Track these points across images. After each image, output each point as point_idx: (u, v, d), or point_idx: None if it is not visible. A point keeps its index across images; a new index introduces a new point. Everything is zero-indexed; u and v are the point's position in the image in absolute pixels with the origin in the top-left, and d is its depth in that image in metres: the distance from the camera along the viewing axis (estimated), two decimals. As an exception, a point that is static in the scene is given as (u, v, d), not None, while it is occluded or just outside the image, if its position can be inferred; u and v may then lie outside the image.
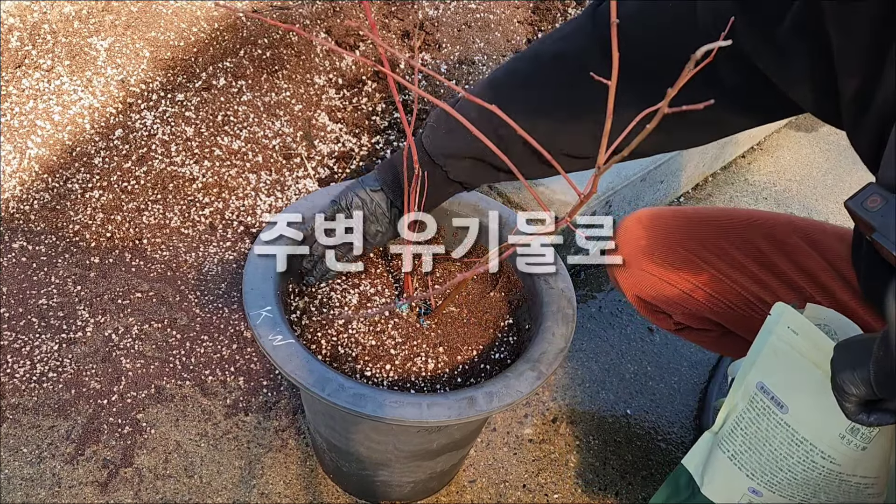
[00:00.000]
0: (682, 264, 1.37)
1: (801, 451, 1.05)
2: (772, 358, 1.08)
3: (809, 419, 1.04)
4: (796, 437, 1.05)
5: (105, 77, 1.98)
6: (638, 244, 1.40)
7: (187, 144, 1.96)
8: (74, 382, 1.58)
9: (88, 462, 1.48)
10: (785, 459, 1.06)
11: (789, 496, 1.10)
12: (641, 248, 1.39)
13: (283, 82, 2.16)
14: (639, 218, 1.43)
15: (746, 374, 1.10)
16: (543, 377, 1.17)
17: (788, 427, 1.05)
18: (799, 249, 1.33)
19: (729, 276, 1.35)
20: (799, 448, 1.05)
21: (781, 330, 1.07)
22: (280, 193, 1.98)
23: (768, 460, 1.08)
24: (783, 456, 1.06)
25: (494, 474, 1.60)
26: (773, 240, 1.35)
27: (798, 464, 1.06)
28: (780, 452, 1.06)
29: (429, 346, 1.29)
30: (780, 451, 1.06)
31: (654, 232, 1.40)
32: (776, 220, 1.39)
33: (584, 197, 0.91)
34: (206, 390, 1.61)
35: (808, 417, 1.04)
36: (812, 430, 1.04)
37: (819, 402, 1.02)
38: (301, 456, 1.55)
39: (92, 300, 1.71)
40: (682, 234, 1.38)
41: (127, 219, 1.84)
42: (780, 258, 1.34)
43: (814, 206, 2.51)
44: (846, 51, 0.86)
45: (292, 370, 1.10)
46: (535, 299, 1.32)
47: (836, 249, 1.32)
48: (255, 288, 1.20)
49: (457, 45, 2.47)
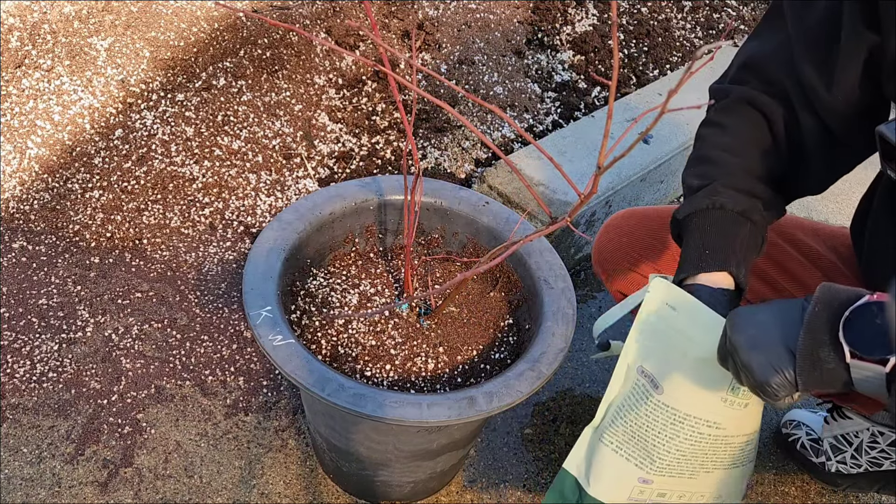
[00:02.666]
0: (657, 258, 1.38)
1: (686, 428, 1.03)
2: (650, 339, 1.06)
3: (687, 395, 1.01)
4: (678, 415, 1.02)
5: (105, 77, 1.98)
6: (619, 241, 1.41)
7: (187, 144, 1.96)
8: (74, 382, 1.58)
9: (88, 462, 1.48)
10: (671, 440, 1.04)
11: (678, 473, 1.07)
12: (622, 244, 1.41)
13: (283, 82, 2.16)
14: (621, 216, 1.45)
15: (625, 360, 1.08)
16: (544, 377, 1.17)
17: (668, 407, 1.03)
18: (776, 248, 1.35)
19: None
20: (683, 425, 1.03)
21: (660, 307, 1.04)
22: (280, 193, 1.98)
23: (655, 445, 1.05)
24: (669, 437, 1.04)
25: (494, 474, 1.60)
26: None
27: (685, 440, 1.04)
28: (664, 434, 1.04)
29: (429, 346, 1.29)
30: (665, 433, 1.04)
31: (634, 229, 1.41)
32: None
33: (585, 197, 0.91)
34: (206, 390, 1.61)
35: (685, 394, 1.01)
36: (693, 404, 1.02)
37: (697, 374, 1.00)
38: (301, 456, 1.55)
39: (92, 300, 1.71)
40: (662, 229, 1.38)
41: (127, 219, 1.84)
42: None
43: (813, 205, 2.51)
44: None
45: (292, 370, 1.10)
46: (535, 299, 1.32)
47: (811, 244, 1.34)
48: (255, 288, 1.20)
49: (457, 45, 2.47)
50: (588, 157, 2.08)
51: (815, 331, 0.85)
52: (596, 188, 0.87)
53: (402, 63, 2.33)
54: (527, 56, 2.55)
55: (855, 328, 0.82)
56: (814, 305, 0.85)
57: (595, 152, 2.10)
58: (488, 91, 2.37)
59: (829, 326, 0.84)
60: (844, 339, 0.82)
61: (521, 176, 1.03)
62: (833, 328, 0.83)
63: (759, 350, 0.88)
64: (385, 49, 0.96)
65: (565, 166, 2.00)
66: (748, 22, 3.04)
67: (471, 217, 1.43)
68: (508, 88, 2.40)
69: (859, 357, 0.82)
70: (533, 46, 2.61)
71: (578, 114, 2.42)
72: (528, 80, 2.47)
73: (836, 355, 0.83)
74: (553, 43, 2.62)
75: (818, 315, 0.85)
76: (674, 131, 2.26)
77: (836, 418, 1.58)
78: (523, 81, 2.45)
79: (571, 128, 2.23)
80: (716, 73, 1.29)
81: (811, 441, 1.65)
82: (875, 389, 0.83)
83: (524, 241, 1.02)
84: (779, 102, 1.12)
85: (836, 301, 0.84)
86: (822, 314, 0.84)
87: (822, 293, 0.86)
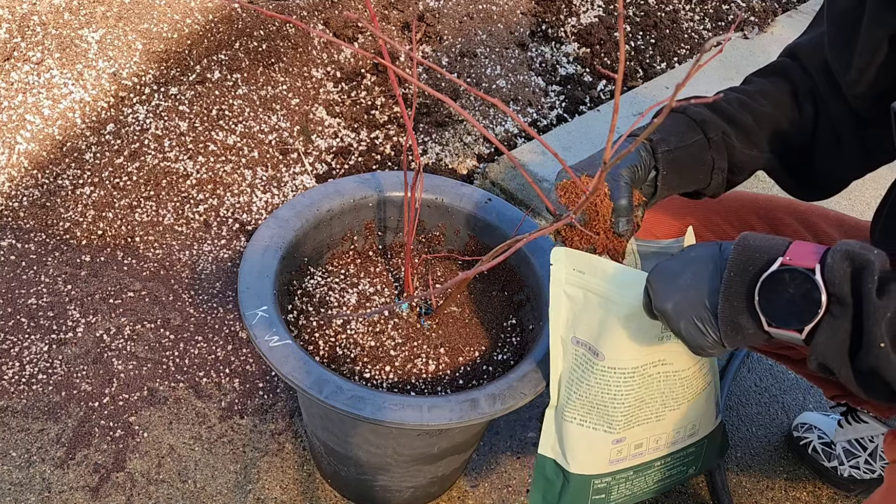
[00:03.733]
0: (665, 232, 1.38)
1: (637, 378, 1.06)
2: (571, 308, 1.08)
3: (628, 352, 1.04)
4: (626, 372, 1.05)
5: (96, 70, 1.98)
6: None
7: (181, 139, 1.96)
8: (65, 384, 1.58)
9: (79, 466, 1.48)
10: (627, 395, 1.07)
11: (644, 420, 1.11)
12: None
13: (280, 75, 2.16)
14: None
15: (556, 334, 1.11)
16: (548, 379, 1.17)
17: (614, 370, 1.05)
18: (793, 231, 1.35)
19: None
20: (633, 377, 1.06)
21: (568, 275, 1.06)
22: (276, 190, 1.98)
23: (615, 406, 1.08)
24: (624, 393, 1.07)
25: (497, 479, 1.60)
26: (768, 219, 1.36)
27: (639, 388, 1.07)
28: (620, 393, 1.07)
29: (430, 347, 1.29)
30: (620, 392, 1.07)
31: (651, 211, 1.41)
32: (776, 202, 1.40)
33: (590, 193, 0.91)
34: (200, 392, 1.61)
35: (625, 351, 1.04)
36: (636, 357, 1.05)
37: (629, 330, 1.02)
38: (298, 460, 1.55)
39: (83, 300, 1.71)
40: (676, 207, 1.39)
41: (119, 216, 1.84)
42: None
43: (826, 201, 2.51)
44: None
45: (289, 372, 1.10)
46: (539, 299, 1.32)
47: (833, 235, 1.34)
48: (251, 287, 1.20)
49: (458, 37, 2.47)
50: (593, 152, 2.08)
51: (733, 298, 0.87)
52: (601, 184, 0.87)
53: (402, 56, 2.33)
54: (530, 48, 2.55)
55: (769, 297, 0.85)
56: (729, 271, 0.88)
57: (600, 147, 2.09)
58: (491, 84, 2.37)
59: (745, 294, 0.86)
60: (760, 308, 0.85)
61: (524, 172, 1.03)
62: (749, 295, 0.86)
63: (686, 317, 0.91)
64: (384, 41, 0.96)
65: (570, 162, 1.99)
66: (758, 13, 3.04)
67: (473, 214, 1.43)
68: (511, 82, 2.40)
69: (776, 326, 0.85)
70: (537, 38, 2.61)
71: (583, 108, 2.42)
72: (531, 74, 2.47)
73: (755, 322, 0.86)
74: (558, 35, 2.62)
75: (734, 282, 0.87)
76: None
77: (850, 422, 1.58)
78: (527, 75, 2.45)
79: (576, 122, 2.23)
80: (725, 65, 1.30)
81: (823, 445, 1.65)
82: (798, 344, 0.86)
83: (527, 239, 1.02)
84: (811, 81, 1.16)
85: (751, 265, 0.87)
86: (737, 281, 0.87)
87: (736, 254, 0.88)
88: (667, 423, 1.13)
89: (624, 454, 1.14)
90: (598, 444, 1.12)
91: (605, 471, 1.15)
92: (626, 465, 1.16)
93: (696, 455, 1.24)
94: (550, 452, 1.17)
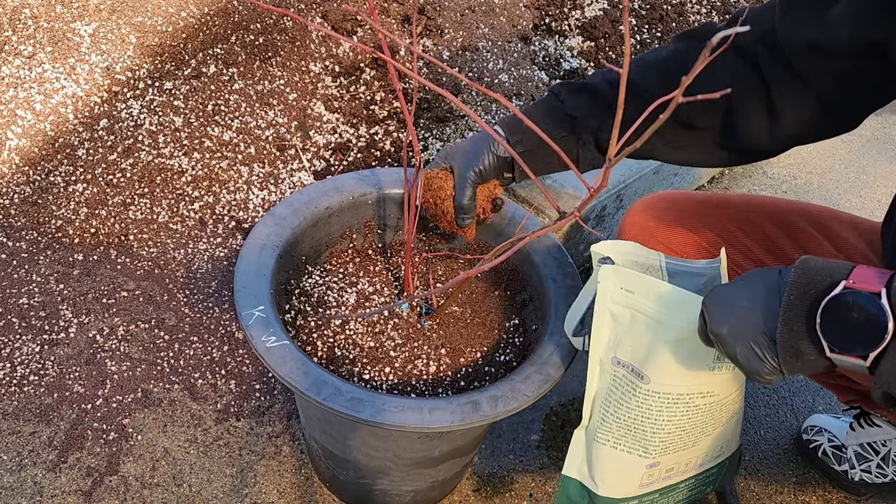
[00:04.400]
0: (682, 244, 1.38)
1: (682, 406, 1.05)
2: (615, 328, 1.07)
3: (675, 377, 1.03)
4: (671, 398, 1.04)
5: (89, 64, 1.98)
6: (646, 224, 1.41)
7: (176, 135, 1.96)
8: (57, 386, 1.58)
9: (72, 470, 1.48)
10: (668, 422, 1.06)
11: (681, 447, 1.10)
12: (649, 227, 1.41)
13: (277, 70, 2.16)
14: (648, 200, 1.45)
15: (596, 353, 1.10)
16: (552, 380, 1.17)
17: (658, 394, 1.04)
18: (807, 235, 1.34)
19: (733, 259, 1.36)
20: (678, 405, 1.05)
21: (615, 293, 1.06)
22: (273, 187, 1.98)
23: (654, 431, 1.07)
24: (665, 420, 1.06)
25: (500, 483, 1.60)
26: (781, 224, 1.36)
27: (682, 417, 1.06)
28: (661, 419, 1.06)
29: (430, 348, 1.29)
30: (662, 418, 1.06)
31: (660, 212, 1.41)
32: (788, 206, 1.40)
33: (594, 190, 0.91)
34: (195, 394, 1.61)
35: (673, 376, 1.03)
36: (683, 384, 1.04)
37: (679, 355, 1.01)
38: (296, 463, 1.56)
39: (75, 299, 1.71)
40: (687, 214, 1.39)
41: (112, 213, 1.84)
42: (786, 243, 1.35)
43: (836, 200, 2.51)
44: None
45: (286, 373, 1.10)
46: (543, 298, 1.32)
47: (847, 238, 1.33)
48: (248, 286, 1.20)
49: (460, 30, 2.47)
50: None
51: (793, 322, 0.86)
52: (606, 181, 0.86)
53: (403, 49, 2.33)
54: (533, 42, 2.55)
55: (832, 321, 0.83)
56: (789, 294, 0.86)
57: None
58: (493, 79, 2.37)
59: (805, 318, 0.85)
60: (822, 333, 0.83)
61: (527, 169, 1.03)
62: (810, 320, 0.85)
63: (743, 342, 0.89)
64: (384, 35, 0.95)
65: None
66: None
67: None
68: (514, 76, 2.40)
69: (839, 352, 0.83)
70: (540, 32, 2.61)
71: (588, 103, 2.41)
72: (534, 68, 2.46)
73: (816, 348, 0.85)
74: (561, 28, 2.62)
75: (794, 305, 0.86)
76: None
77: (862, 425, 1.58)
78: (530, 69, 2.45)
79: (581, 118, 2.23)
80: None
81: (833, 448, 1.65)
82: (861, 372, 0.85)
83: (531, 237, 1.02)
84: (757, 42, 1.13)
85: (812, 288, 0.85)
86: (798, 304, 0.85)
87: (796, 276, 0.87)
88: (700, 447, 1.13)
89: (654, 477, 1.13)
90: (631, 468, 1.12)
91: (633, 494, 1.15)
92: (654, 488, 1.16)
93: (717, 475, 1.23)
94: (576, 474, 1.16)
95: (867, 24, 0.97)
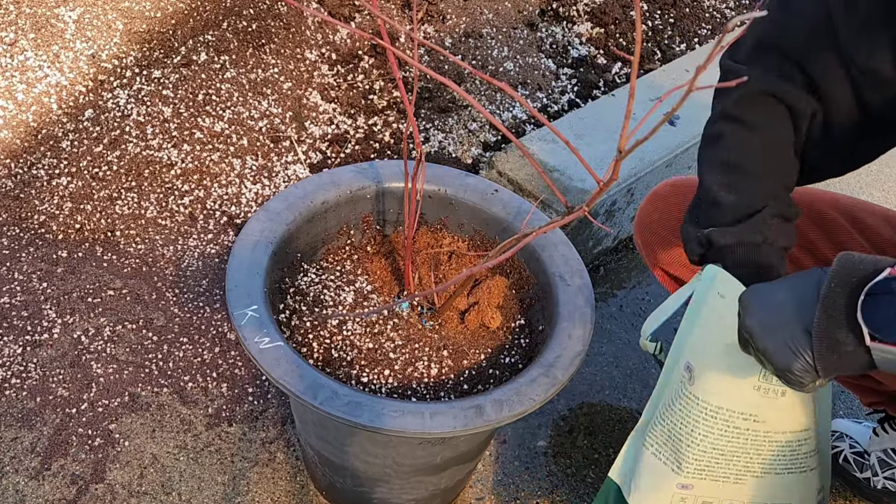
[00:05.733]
0: None
1: (720, 422, 1.03)
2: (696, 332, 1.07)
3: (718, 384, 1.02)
4: (709, 408, 1.03)
5: (74, 52, 1.98)
6: (667, 212, 1.40)
7: (165, 126, 1.96)
8: (40, 389, 1.58)
9: (55, 477, 1.48)
10: (706, 437, 1.05)
11: (721, 477, 1.08)
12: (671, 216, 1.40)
13: (271, 57, 2.16)
14: (673, 184, 1.44)
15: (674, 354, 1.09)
16: (559, 384, 1.17)
17: (698, 399, 1.04)
18: (838, 226, 1.34)
19: None
20: (717, 419, 1.03)
21: (710, 297, 1.05)
22: (267, 180, 1.98)
23: (689, 444, 1.06)
24: (703, 433, 1.04)
25: (504, 491, 1.60)
26: (812, 215, 1.36)
27: (721, 436, 1.04)
28: (698, 430, 1.05)
29: (432, 350, 1.29)
30: (699, 429, 1.04)
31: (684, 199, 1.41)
32: (818, 195, 1.39)
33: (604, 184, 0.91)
34: (185, 398, 1.61)
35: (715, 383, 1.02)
36: (724, 394, 1.02)
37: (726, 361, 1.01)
38: (290, 471, 1.56)
39: (59, 298, 1.71)
40: None
41: (98, 208, 1.85)
42: (815, 233, 1.34)
43: (858, 194, 2.51)
44: None
45: (281, 376, 1.10)
46: (550, 297, 1.32)
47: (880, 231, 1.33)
48: (240, 285, 1.20)
49: (462, 16, 2.47)
50: (608, 140, 2.08)
51: (832, 309, 0.85)
52: (617, 175, 0.87)
53: (403, 36, 2.33)
54: (540, 29, 2.55)
55: (875, 307, 0.82)
56: (829, 281, 0.86)
57: (615, 135, 2.09)
58: (497, 67, 2.37)
59: (846, 305, 0.84)
60: (863, 320, 0.83)
61: (533, 161, 1.03)
62: (851, 307, 0.84)
63: (775, 334, 0.89)
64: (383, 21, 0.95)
65: (583, 150, 2.00)
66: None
67: (478, 206, 1.43)
68: (520, 64, 2.40)
69: (880, 340, 0.82)
70: (547, 18, 2.60)
71: (597, 92, 2.41)
72: (541, 56, 2.46)
73: (855, 337, 0.84)
74: (569, 14, 2.62)
75: (834, 293, 0.85)
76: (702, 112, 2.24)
77: (886, 430, 1.58)
78: (536, 56, 2.45)
79: (589, 108, 2.22)
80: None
81: (855, 454, 1.65)
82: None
83: (537, 233, 1.02)
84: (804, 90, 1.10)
85: (854, 276, 0.85)
86: (839, 291, 0.85)
87: (838, 266, 0.86)
88: (745, 488, 1.10)
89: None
90: (662, 483, 1.11)
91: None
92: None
93: None
94: (617, 477, 1.16)
95: None
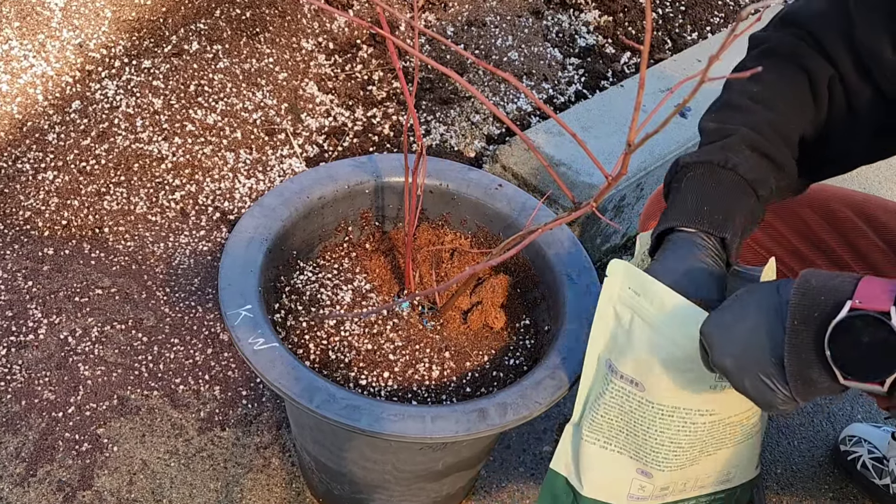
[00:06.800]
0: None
1: (677, 420, 1.05)
2: (615, 329, 1.07)
3: (672, 392, 1.03)
4: (666, 409, 1.04)
5: (60, 41, 1.98)
6: None
7: (155, 118, 1.96)
8: (25, 392, 1.58)
9: (41, 484, 1.48)
10: (663, 433, 1.06)
11: (678, 466, 1.10)
12: None
13: (266, 47, 2.16)
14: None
15: (594, 350, 1.10)
16: (565, 386, 1.17)
17: (652, 404, 1.05)
18: (850, 224, 1.34)
19: (765, 247, 1.35)
20: (673, 418, 1.05)
21: (622, 291, 1.06)
22: (262, 175, 1.98)
23: (646, 440, 1.07)
24: (660, 430, 1.06)
25: (508, 498, 1.60)
26: (823, 211, 1.35)
27: (679, 431, 1.06)
28: (654, 428, 1.06)
29: (433, 351, 1.29)
30: (655, 427, 1.06)
31: None
32: (831, 192, 1.39)
33: (612, 179, 0.91)
34: (176, 401, 1.61)
35: (669, 389, 1.03)
36: (680, 398, 1.04)
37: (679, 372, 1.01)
38: (286, 477, 1.56)
39: (45, 298, 1.71)
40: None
41: (85, 204, 1.85)
42: (827, 232, 1.34)
43: (876, 190, 2.51)
44: None
45: (276, 378, 1.10)
46: (556, 297, 1.32)
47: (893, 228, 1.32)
48: (233, 284, 1.20)
49: (465, 3, 2.46)
50: (616, 132, 2.08)
51: (800, 350, 0.85)
52: (626, 169, 0.86)
53: (403, 25, 2.33)
54: (546, 17, 2.55)
55: (842, 347, 0.82)
56: (792, 318, 0.85)
57: (624, 127, 2.09)
58: (501, 57, 2.37)
59: (813, 344, 0.84)
60: (832, 360, 0.82)
61: (539, 155, 1.02)
62: (818, 345, 0.84)
63: (750, 371, 0.89)
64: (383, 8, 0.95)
65: (590, 143, 1.99)
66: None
67: (481, 202, 1.43)
68: (525, 54, 2.40)
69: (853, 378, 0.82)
70: (553, 5, 2.60)
71: (605, 83, 2.41)
72: (547, 45, 2.46)
73: (829, 375, 0.84)
74: (576, 1, 2.62)
75: (798, 331, 0.85)
76: (716, 103, 2.25)
77: None
78: (542, 46, 2.45)
79: (597, 99, 2.22)
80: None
81: (874, 460, 1.65)
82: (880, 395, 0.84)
83: (543, 230, 1.02)
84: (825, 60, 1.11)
85: (816, 311, 0.84)
86: (803, 330, 0.85)
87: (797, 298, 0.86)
88: (700, 467, 1.13)
89: (647, 493, 1.14)
90: (619, 472, 1.12)
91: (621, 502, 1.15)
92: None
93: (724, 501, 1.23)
94: (563, 469, 1.17)
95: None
